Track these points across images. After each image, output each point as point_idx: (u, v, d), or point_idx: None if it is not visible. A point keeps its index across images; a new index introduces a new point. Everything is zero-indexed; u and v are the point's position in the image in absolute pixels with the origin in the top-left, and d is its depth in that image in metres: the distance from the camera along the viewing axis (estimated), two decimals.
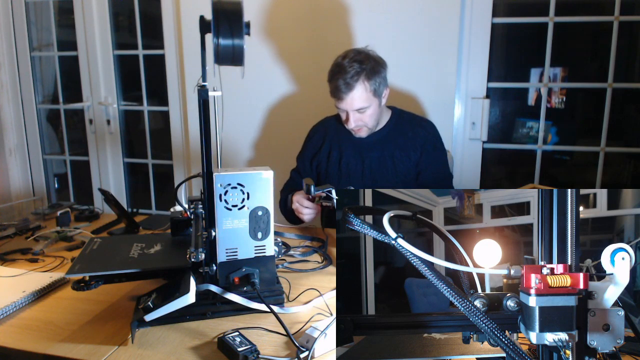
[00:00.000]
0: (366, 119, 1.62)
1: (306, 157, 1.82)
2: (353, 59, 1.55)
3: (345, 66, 1.54)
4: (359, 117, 1.61)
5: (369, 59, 1.56)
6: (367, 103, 1.57)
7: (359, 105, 1.56)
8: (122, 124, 2.74)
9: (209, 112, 1.04)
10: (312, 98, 2.28)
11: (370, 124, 1.64)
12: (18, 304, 1.12)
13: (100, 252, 1.19)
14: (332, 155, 1.75)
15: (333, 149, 1.75)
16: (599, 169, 2.16)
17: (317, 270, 1.37)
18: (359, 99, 1.55)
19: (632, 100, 2.20)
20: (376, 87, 1.57)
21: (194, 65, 2.38)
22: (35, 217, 1.81)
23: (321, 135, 1.80)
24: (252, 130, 2.39)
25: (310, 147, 1.81)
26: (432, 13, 2.07)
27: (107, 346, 0.96)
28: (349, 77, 1.52)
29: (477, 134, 2.21)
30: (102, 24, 2.59)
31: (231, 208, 1.07)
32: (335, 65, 1.59)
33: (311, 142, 1.82)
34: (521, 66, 2.28)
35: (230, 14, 0.96)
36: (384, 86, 1.61)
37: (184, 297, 0.98)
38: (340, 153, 1.73)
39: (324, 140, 1.78)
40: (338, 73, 1.55)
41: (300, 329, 1.03)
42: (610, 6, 2.03)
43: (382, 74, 1.59)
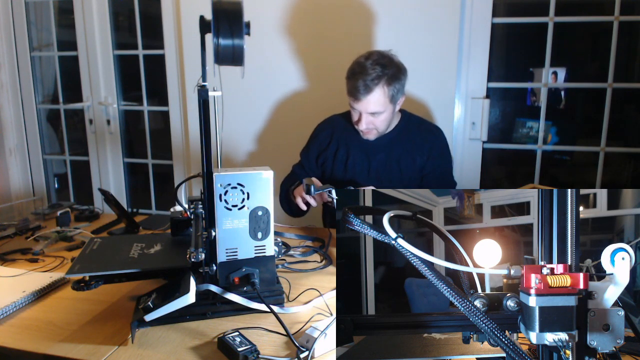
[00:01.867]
0: (378, 123, 1.60)
1: (312, 154, 1.80)
2: (376, 62, 1.52)
3: (367, 67, 1.51)
4: (371, 120, 1.58)
5: (392, 64, 1.53)
6: (382, 108, 1.55)
7: (374, 109, 1.54)
8: (122, 124, 2.74)
9: (209, 112, 1.04)
10: (313, 98, 2.28)
11: (381, 128, 1.63)
12: (18, 304, 1.12)
13: (100, 252, 1.19)
14: (338, 155, 1.73)
15: (340, 148, 1.74)
16: (599, 169, 2.16)
17: (317, 270, 1.37)
18: (376, 103, 1.53)
19: (632, 100, 2.20)
20: (394, 94, 1.54)
21: (194, 65, 2.38)
22: (35, 217, 1.81)
23: (328, 134, 1.78)
24: (252, 130, 2.39)
25: (317, 144, 1.79)
26: (432, 13, 2.07)
27: (107, 346, 0.96)
28: (369, 79, 1.50)
29: (477, 134, 2.21)
30: (102, 24, 2.59)
31: (231, 208, 1.07)
32: (356, 64, 1.55)
33: (317, 140, 1.80)
34: (521, 66, 2.28)
35: (230, 14, 0.96)
36: (402, 94, 1.59)
37: (184, 297, 0.98)
38: (347, 153, 1.72)
39: (331, 139, 1.76)
40: (359, 73, 1.52)
41: (300, 329, 1.03)
42: (610, 6, 2.03)
43: (402, 81, 1.56)
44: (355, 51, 1.57)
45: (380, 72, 1.50)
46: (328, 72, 2.23)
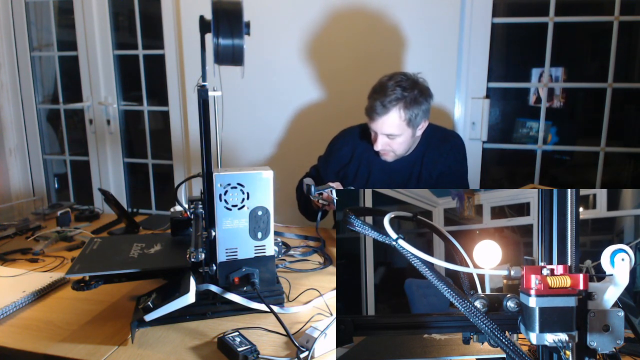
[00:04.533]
0: (395, 146, 1.57)
1: (332, 167, 1.76)
2: (398, 83, 1.49)
3: (387, 88, 1.49)
4: (387, 142, 1.56)
5: (414, 88, 1.51)
6: (398, 131, 1.52)
7: (388, 131, 1.52)
8: (122, 124, 2.74)
9: (209, 112, 1.04)
10: (313, 98, 2.28)
11: (399, 151, 1.59)
12: (18, 304, 1.12)
13: (100, 252, 1.19)
14: (360, 172, 1.70)
15: (362, 166, 1.70)
16: (599, 169, 2.16)
17: (317, 270, 1.37)
18: (390, 125, 1.51)
19: (632, 100, 2.20)
20: (412, 118, 1.51)
21: (194, 65, 2.38)
22: (35, 217, 1.81)
23: (350, 149, 1.74)
24: (252, 130, 2.39)
25: (338, 158, 1.75)
26: (432, 13, 2.08)
27: (107, 346, 0.96)
28: (387, 100, 1.48)
29: (477, 134, 2.21)
30: (102, 24, 2.59)
31: (231, 208, 1.07)
32: (378, 84, 1.54)
33: (339, 154, 1.76)
34: (521, 66, 2.28)
35: (230, 13, 0.96)
36: (423, 118, 1.55)
37: (184, 297, 0.98)
38: (368, 172, 1.69)
39: (353, 155, 1.73)
40: (378, 93, 1.50)
41: (300, 329, 1.03)
42: (610, 6, 2.03)
43: (423, 106, 1.52)
44: (355, 51, 1.57)
45: (400, 94, 1.48)
46: (328, 72, 2.23)
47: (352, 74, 2.18)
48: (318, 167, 1.82)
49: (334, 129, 1.86)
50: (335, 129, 1.86)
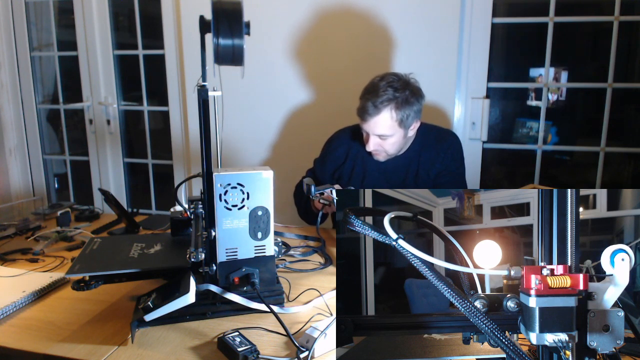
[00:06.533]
0: (386, 146, 1.57)
1: (327, 168, 1.76)
2: (389, 84, 1.49)
3: (379, 88, 1.49)
4: (378, 143, 1.56)
5: (406, 88, 1.51)
6: (389, 132, 1.52)
7: (380, 131, 1.52)
8: (122, 124, 2.74)
9: (209, 112, 1.04)
10: (313, 98, 2.28)
11: (391, 151, 1.60)
12: (18, 304, 1.12)
13: (100, 252, 1.19)
14: (355, 173, 1.70)
15: (356, 166, 1.71)
16: (599, 169, 2.16)
17: (317, 270, 1.37)
18: (382, 126, 1.51)
19: (632, 100, 2.20)
20: (403, 118, 1.50)
21: (194, 65, 2.38)
22: (35, 217, 1.81)
23: (344, 150, 1.74)
24: (252, 130, 2.39)
25: (333, 159, 1.76)
26: (432, 13, 2.08)
27: (107, 346, 0.96)
28: (378, 101, 1.48)
29: (477, 134, 2.21)
30: (102, 24, 2.59)
31: (231, 208, 1.07)
32: (370, 84, 1.54)
33: (334, 155, 1.76)
34: (521, 66, 2.28)
35: (230, 13, 0.96)
36: (414, 119, 1.55)
37: (184, 297, 0.98)
38: (363, 172, 1.69)
39: (347, 156, 1.73)
40: (370, 93, 1.50)
41: (300, 329, 1.03)
42: (610, 6, 2.03)
43: (415, 107, 1.52)
44: (354, 52, 1.57)
45: (392, 95, 1.48)
46: (328, 72, 2.23)
47: (352, 74, 2.18)
48: (314, 170, 1.83)
49: (335, 129, 1.86)
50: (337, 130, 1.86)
